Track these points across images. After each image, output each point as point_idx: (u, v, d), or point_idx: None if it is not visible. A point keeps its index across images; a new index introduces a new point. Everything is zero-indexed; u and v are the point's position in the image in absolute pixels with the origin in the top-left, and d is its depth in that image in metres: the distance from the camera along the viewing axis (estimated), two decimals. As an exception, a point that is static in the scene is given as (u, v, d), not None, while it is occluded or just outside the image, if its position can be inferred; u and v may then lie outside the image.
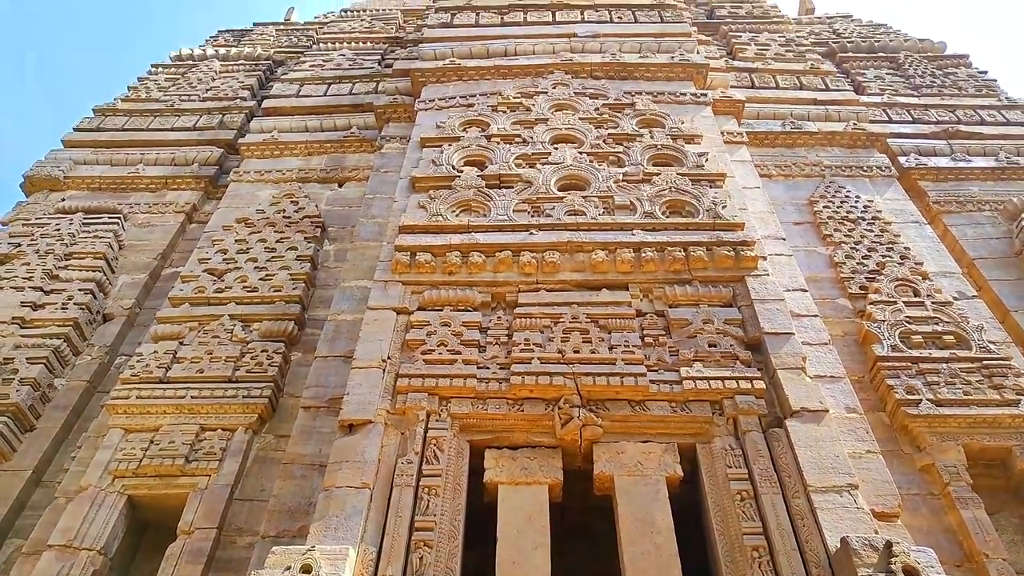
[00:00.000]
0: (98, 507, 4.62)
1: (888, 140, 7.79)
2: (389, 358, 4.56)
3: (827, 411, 4.15)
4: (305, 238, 6.51)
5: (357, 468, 3.93)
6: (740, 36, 9.47)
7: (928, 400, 4.88)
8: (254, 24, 12.07)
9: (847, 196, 6.86)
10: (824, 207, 6.73)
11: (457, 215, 5.48)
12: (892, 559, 3.21)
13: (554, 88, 6.94)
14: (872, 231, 6.43)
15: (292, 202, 6.98)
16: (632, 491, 3.96)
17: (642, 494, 3.95)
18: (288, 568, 3.29)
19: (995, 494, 4.66)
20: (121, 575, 4.73)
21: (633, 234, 5.17)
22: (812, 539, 3.57)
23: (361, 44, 9.85)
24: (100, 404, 5.49)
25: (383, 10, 10.97)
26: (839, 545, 3.39)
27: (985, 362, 5.12)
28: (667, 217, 5.36)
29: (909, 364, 5.13)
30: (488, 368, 4.46)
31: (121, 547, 4.67)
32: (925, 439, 4.73)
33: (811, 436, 4.00)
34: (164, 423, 5.03)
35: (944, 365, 5.11)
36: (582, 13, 8.20)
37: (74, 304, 6.26)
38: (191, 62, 10.33)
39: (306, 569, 3.29)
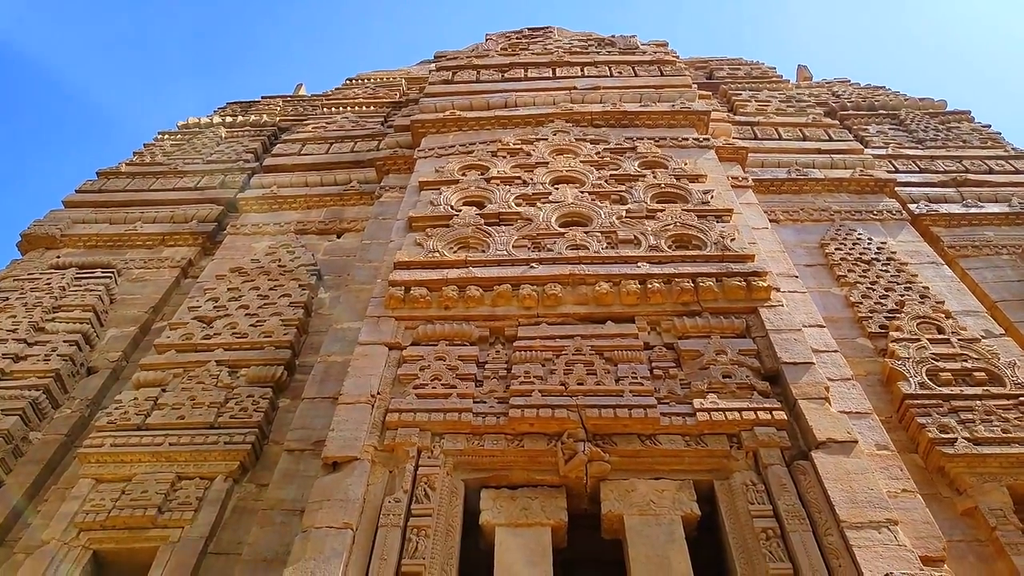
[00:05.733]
0: (59, 563, 4.22)
1: (897, 188, 7.66)
2: (379, 393, 4.24)
3: (856, 442, 3.79)
4: (299, 285, 6.30)
5: (339, 507, 3.56)
6: (740, 94, 9.53)
7: (964, 439, 4.49)
8: (262, 97, 12.31)
9: (859, 238, 6.66)
10: (836, 249, 6.52)
11: (454, 252, 5.28)
12: (945, 597, 2.80)
13: (554, 135, 6.87)
14: (888, 271, 6.19)
15: (288, 252, 6.82)
16: (644, 532, 3.56)
17: (655, 535, 3.54)
18: (254, 613, 2.89)
19: (1048, 540, 4.19)
20: (82, 642, 4.27)
21: (638, 266, 4.93)
22: (851, 580, 3.14)
23: (364, 108, 9.97)
24: (74, 457, 5.15)
25: (387, 78, 11.18)
26: (882, 585, 2.97)
27: (1022, 398, 4.75)
28: (673, 250, 5.14)
29: (940, 402, 4.78)
30: (485, 402, 4.14)
31: (84, 610, 4.24)
32: (965, 481, 4.33)
33: (841, 468, 3.62)
34: (138, 472, 4.68)
35: (978, 402, 4.75)
36: (582, 69, 8.26)
37: (57, 355, 6.00)
38: (197, 129, 10.45)
39: (274, 614, 2.89)
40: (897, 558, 3.18)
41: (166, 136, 10.34)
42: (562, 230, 5.39)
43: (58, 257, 7.56)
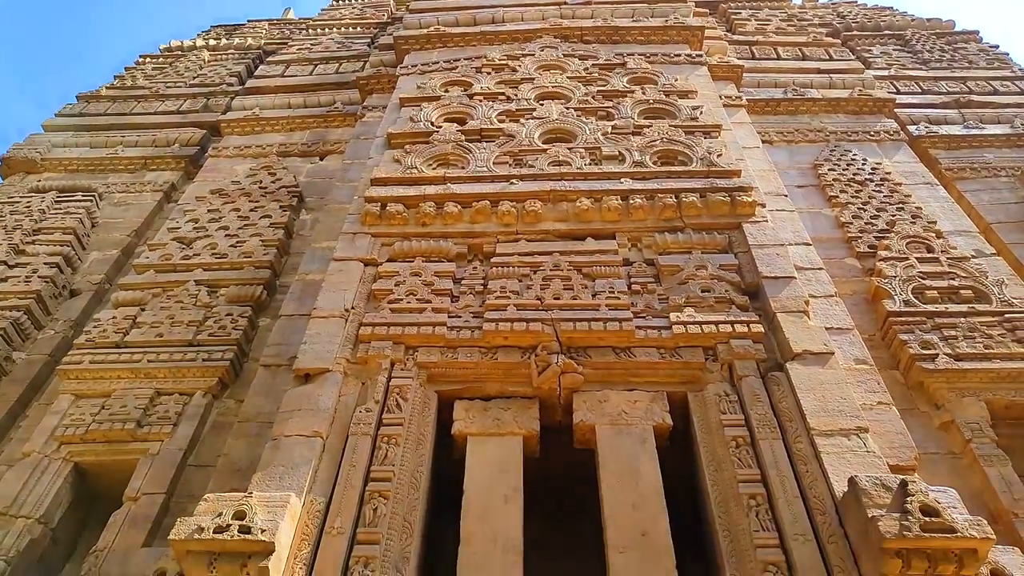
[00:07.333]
0: (40, 474, 4.28)
1: (896, 110, 7.44)
2: (353, 308, 4.20)
3: (832, 354, 3.75)
4: (280, 206, 6.20)
5: (309, 416, 3.56)
6: (740, 13, 9.19)
7: (945, 355, 4.45)
8: (248, 20, 11.92)
9: (853, 159, 6.48)
10: (829, 170, 6.36)
11: (434, 168, 5.15)
12: (908, 499, 2.79)
13: (542, 51, 6.64)
14: (881, 192, 6.05)
15: (269, 173, 6.69)
16: (615, 442, 3.56)
17: (626, 445, 3.54)
18: (219, 515, 2.91)
19: (1024, 454, 4.20)
20: (69, 550, 4.36)
21: (621, 182, 4.81)
22: (816, 485, 3.14)
23: (351, 29, 9.64)
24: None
25: (375, -2, 10.78)
26: (847, 488, 2.97)
27: (1007, 315, 4.70)
28: (658, 167, 5.00)
29: (924, 319, 4.72)
30: (460, 317, 4.09)
31: (68, 519, 4.33)
32: (943, 395, 4.31)
33: (815, 379, 3.59)
34: (118, 388, 4.69)
35: (962, 319, 4.69)
36: (574, -15, 7.91)
37: (38, 277, 5.95)
38: (179, 53, 10.14)
39: (239, 515, 2.91)
40: (864, 464, 3.17)
41: (148, 59, 10.05)
42: (545, 146, 5.25)
43: (38, 181, 7.44)
